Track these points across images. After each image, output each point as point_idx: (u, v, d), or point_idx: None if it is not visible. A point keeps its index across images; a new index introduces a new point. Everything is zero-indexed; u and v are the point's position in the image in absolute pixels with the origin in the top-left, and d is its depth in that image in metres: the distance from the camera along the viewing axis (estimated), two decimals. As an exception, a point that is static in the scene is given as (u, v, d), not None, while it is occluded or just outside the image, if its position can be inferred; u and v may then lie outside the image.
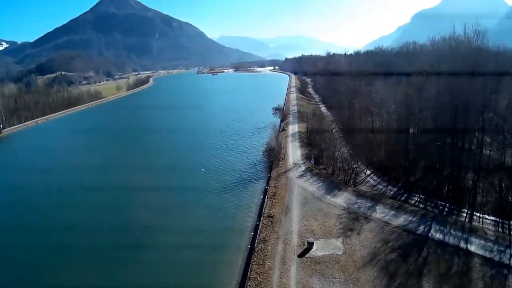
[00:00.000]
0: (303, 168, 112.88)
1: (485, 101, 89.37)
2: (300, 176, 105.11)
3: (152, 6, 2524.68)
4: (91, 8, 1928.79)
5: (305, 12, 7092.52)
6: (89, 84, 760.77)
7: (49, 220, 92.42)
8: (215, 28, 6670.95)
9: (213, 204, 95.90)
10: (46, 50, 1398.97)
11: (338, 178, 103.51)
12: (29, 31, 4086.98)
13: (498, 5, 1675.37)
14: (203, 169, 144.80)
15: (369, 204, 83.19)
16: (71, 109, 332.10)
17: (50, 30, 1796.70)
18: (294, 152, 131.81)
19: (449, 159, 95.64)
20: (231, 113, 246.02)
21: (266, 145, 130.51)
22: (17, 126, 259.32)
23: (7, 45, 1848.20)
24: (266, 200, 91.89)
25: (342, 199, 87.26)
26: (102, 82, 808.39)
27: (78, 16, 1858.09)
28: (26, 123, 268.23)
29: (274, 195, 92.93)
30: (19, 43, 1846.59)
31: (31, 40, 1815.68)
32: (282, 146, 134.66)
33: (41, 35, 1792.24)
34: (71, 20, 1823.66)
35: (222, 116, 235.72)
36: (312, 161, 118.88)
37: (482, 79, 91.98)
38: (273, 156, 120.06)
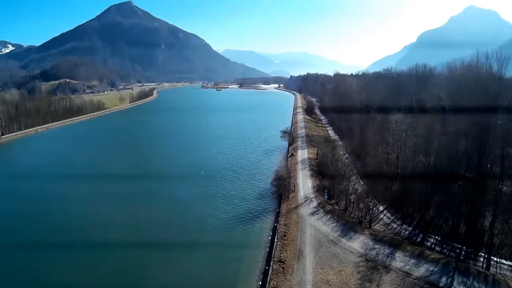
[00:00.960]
0: (315, 203, 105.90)
1: (507, 136, 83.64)
2: (312, 214, 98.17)
3: (159, 16, 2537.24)
4: (97, 16, 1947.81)
5: (310, 30, 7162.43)
6: (93, 93, 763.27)
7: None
8: (220, 41, 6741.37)
9: (216, 242, 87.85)
10: (51, 56, 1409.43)
11: (352, 215, 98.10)
12: (35, 35, 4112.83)
13: (502, 26, 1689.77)
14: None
15: (387, 251, 77.14)
16: (72, 118, 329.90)
17: (56, 35, 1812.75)
18: (304, 183, 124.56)
19: (466, 197, 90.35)
20: (236, 135, 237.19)
21: (275, 174, 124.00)
22: (17, 133, 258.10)
23: (13, 48, 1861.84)
24: (276, 240, 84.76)
25: (358, 243, 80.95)
26: (105, 92, 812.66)
27: (85, 23, 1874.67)
28: (25, 130, 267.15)
29: (285, 235, 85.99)
30: (24, 46, 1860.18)
31: (37, 44, 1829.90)
32: (292, 175, 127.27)
33: (47, 39, 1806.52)
34: (77, 27, 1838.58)
35: (227, 138, 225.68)
36: (326, 196, 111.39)
37: (504, 111, 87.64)
38: (283, 188, 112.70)
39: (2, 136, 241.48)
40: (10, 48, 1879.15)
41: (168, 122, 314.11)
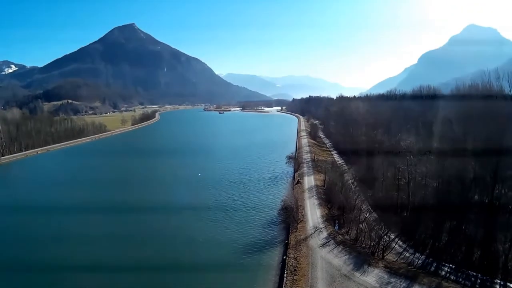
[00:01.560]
0: (325, 234, 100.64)
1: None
2: (323, 245, 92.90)
3: (161, 39, 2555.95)
4: (100, 38, 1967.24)
5: (312, 54, 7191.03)
6: (95, 114, 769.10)
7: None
8: (223, 65, 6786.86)
9: (221, 277, 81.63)
10: (54, 77, 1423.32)
11: (363, 245, 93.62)
12: (38, 56, 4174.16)
13: (502, 44, 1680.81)
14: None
15: (404, 285, 72.65)
16: (73, 140, 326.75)
17: (59, 56, 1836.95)
18: (313, 212, 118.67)
19: (479, 222, 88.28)
20: (239, 159, 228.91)
21: (282, 203, 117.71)
22: (16, 154, 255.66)
23: (16, 68, 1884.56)
24: (285, 275, 79.60)
25: (373, 277, 76.05)
26: (108, 113, 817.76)
27: (88, 45, 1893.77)
28: (25, 152, 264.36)
29: (295, 270, 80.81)
30: (27, 67, 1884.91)
31: (40, 65, 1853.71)
32: (299, 204, 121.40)
33: (50, 60, 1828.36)
34: (80, 49, 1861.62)
35: (229, 163, 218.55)
36: (336, 227, 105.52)
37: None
38: (291, 218, 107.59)
39: (2, 157, 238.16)
40: (13, 68, 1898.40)
41: (169, 146, 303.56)
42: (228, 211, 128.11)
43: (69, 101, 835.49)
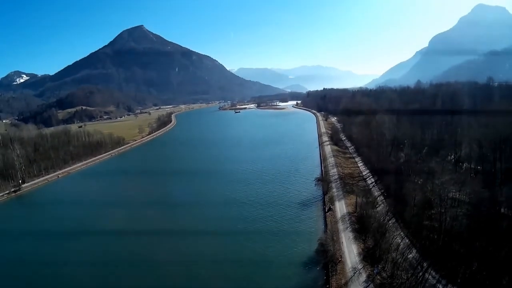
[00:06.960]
0: (364, 276, 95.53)
1: None
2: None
3: (171, 39, 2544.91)
4: (110, 42, 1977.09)
5: (322, 42, 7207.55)
6: (110, 119, 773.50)
7: None
8: (234, 61, 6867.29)
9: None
10: (66, 84, 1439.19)
11: (400, 281, 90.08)
12: (49, 64, 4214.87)
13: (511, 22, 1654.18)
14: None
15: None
16: (93, 158, 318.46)
17: (70, 63, 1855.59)
18: (349, 249, 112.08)
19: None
20: (265, 182, 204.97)
21: (318, 241, 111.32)
22: (37, 180, 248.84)
23: (28, 78, 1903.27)
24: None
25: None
26: (123, 117, 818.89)
27: (98, 50, 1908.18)
28: (46, 176, 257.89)
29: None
30: (39, 75, 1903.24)
31: (51, 73, 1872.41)
32: (335, 238, 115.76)
33: (61, 68, 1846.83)
34: (91, 54, 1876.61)
35: (253, 188, 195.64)
36: (376, 270, 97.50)
37: None
38: (329, 259, 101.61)
39: (23, 185, 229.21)
40: (25, 78, 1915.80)
41: (188, 162, 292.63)
42: (257, 258, 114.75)
43: (83, 107, 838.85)
